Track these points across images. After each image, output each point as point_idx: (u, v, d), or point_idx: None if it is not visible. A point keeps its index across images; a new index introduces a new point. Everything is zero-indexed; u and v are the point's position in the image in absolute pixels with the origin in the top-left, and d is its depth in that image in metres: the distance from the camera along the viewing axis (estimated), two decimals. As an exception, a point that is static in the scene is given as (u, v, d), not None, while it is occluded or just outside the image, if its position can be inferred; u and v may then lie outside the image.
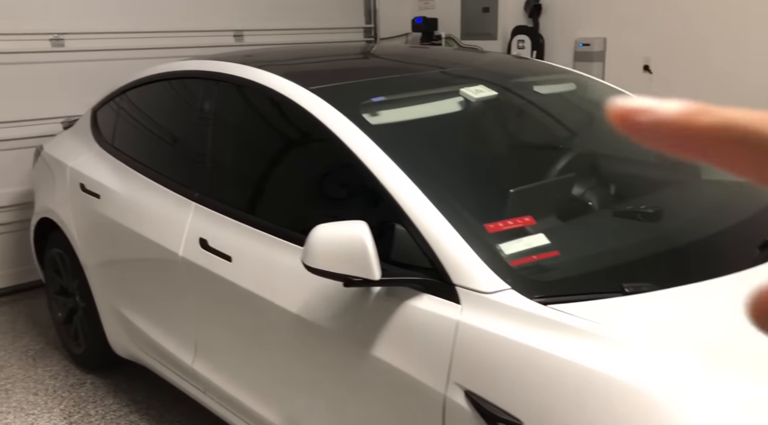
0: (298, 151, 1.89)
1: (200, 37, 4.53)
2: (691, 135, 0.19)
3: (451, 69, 2.24)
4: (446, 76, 2.18)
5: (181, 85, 2.45)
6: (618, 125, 0.20)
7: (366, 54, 2.58)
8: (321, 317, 1.67)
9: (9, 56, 3.74)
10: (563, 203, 1.85)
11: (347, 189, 1.74)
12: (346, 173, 1.76)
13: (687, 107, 0.19)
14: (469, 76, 2.16)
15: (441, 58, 2.43)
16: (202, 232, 2.09)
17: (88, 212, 2.67)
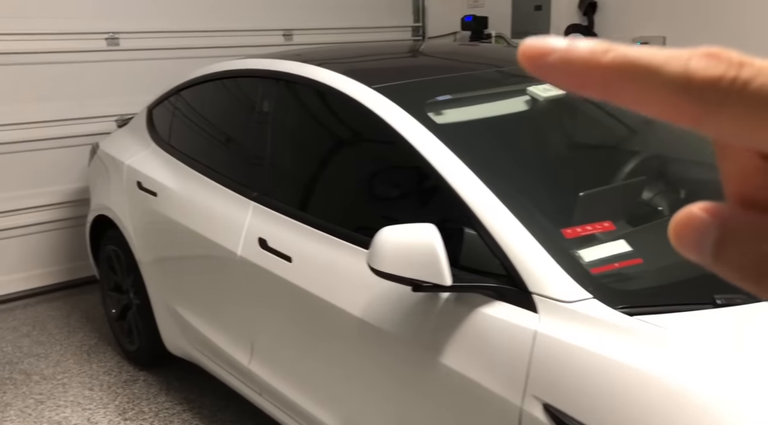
0: (361, 151, 1.85)
1: (250, 36, 4.54)
2: (597, 73, 0.19)
3: (513, 67, 2.17)
4: (509, 74, 2.11)
5: (238, 83, 2.44)
6: (527, 65, 0.21)
7: (419, 52, 2.53)
8: (385, 321, 1.62)
9: (65, 55, 3.81)
10: (634, 208, 1.77)
11: (412, 191, 1.69)
12: (411, 174, 1.71)
13: (593, 46, 0.20)
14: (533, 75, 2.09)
15: (499, 56, 2.36)
16: (261, 232, 2.06)
17: (144, 210, 2.68)
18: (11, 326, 3.55)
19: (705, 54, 0.19)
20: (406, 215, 1.70)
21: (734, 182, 0.22)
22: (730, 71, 0.18)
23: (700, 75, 0.18)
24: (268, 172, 2.14)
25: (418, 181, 1.69)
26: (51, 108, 3.83)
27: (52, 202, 3.94)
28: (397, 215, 1.73)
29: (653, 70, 0.18)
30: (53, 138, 3.86)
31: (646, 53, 0.19)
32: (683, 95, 0.18)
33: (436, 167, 1.62)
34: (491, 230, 1.46)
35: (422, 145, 1.67)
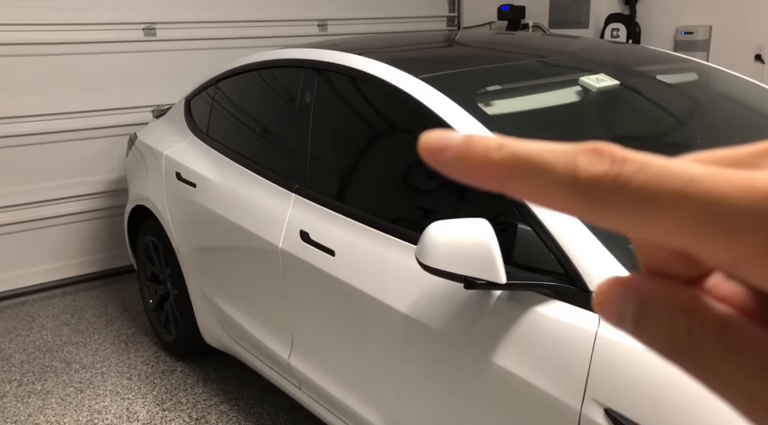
0: (408, 143, 1.80)
1: (285, 26, 4.52)
2: (490, 170, 0.20)
3: (562, 56, 2.10)
4: (558, 64, 2.04)
5: (278, 74, 2.40)
6: (426, 159, 0.21)
7: (460, 42, 2.47)
8: (433, 318, 1.58)
9: (103, 46, 3.83)
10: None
11: (462, 185, 1.64)
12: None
13: (487, 142, 0.20)
14: (583, 64, 2.01)
15: (545, 46, 2.29)
16: (303, 224, 2.03)
17: (183, 201, 2.67)
18: (51, 314, 3.59)
19: (589, 150, 0.19)
20: (455, 210, 1.66)
21: (643, 252, 0.22)
22: (613, 168, 0.18)
23: (585, 173, 0.18)
24: (309, 164, 2.11)
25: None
26: (89, 98, 3.85)
27: (91, 192, 3.97)
28: (445, 209, 1.68)
29: (543, 167, 0.19)
30: (92, 128, 3.89)
31: (537, 150, 0.19)
32: (571, 193, 0.19)
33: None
34: (548, 226, 1.41)
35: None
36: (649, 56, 2.24)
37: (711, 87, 2.19)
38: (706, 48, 4.20)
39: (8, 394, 2.80)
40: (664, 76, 2.09)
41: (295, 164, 2.17)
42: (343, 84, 2.07)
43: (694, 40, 4.18)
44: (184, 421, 2.58)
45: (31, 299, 3.81)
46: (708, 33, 4.18)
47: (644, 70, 2.08)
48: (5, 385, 2.87)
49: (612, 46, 2.33)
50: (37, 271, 3.90)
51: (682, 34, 4.24)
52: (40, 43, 3.64)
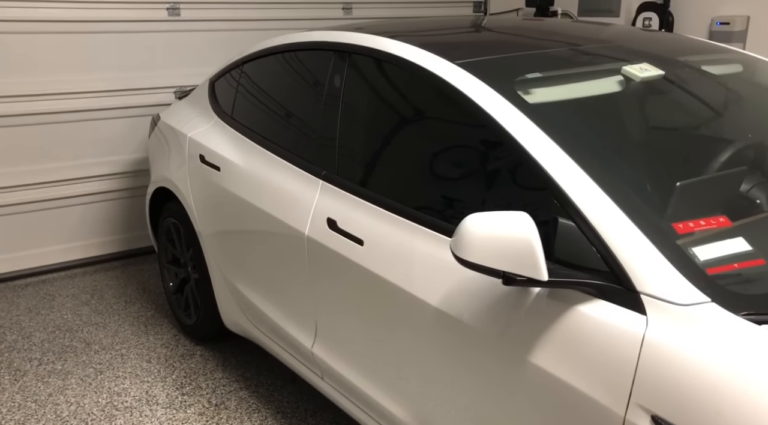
0: (442, 130, 1.74)
1: (309, 8, 4.45)
2: None
3: (600, 45, 2.01)
4: (598, 52, 1.96)
5: (306, 57, 2.35)
6: None
7: (491, 27, 2.38)
8: (467, 313, 1.53)
9: (126, 24, 3.78)
10: (733, 200, 1.62)
11: (499, 175, 1.58)
12: (499, 157, 1.60)
13: None
14: (623, 53, 1.93)
15: (580, 33, 2.20)
16: (331, 212, 1.99)
17: (206, 184, 2.63)
18: (71, 293, 3.59)
19: None
20: (491, 201, 1.60)
21: None
22: None
23: None
24: (337, 150, 2.05)
25: (506, 164, 1.57)
26: (111, 78, 3.82)
27: (112, 172, 3.95)
28: (479, 200, 1.62)
29: None
30: (113, 108, 3.86)
31: None
32: None
33: (528, 149, 1.50)
34: (592, 220, 1.34)
35: (512, 126, 1.55)
36: (690, 46, 2.16)
37: (757, 79, 2.10)
38: (742, 39, 4.07)
39: (29, 373, 2.80)
40: (709, 66, 2.01)
41: (322, 150, 2.12)
42: (375, 68, 2.00)
43: (731, 30, 4.05)
44: (203, 406, 2.56)
45: (52, 277, 3.81)
46: (745, 23, 4.05)
47: (687, 60, 1.99)
48: (26, 364, 2.87)
49: (650, 35, 2.24)
50: (58, 250, 3.90)
51: (717, 24, 4.12)
52: (62, 21, 3.60)
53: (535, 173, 1.48)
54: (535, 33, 2.18)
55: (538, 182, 1.47)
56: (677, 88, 1.83)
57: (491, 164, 1.60)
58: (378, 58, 2.00)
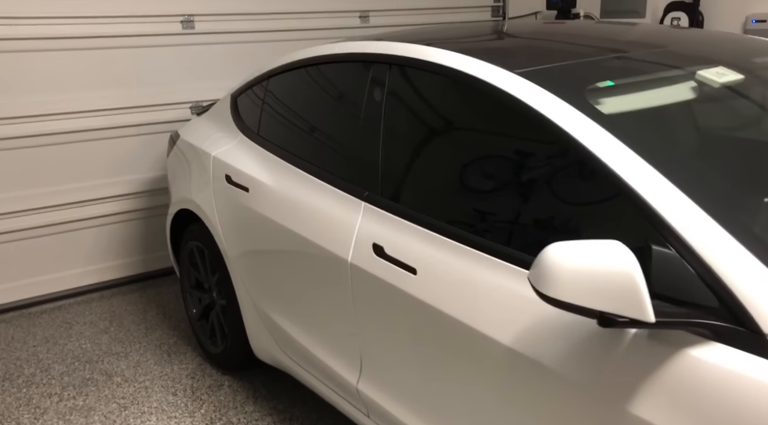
0: (505, 148, 1.58)
1: (326, 18, 4.31)
2: None
3: (663, 48, 1.85)
4: (664, 55, 1.79)
5: (339, 69, 2.19)
6: None
7: (527, 33, 2.22)
8: (548, 355, 1.36)
9: (138, 39, 3.65)
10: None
11: (577, 196, 1.42)
12: (576, 176, 1.43)
13: None
14: (690, 56, 1.78)
15: (629, 36, 2.04)
16: (376, 237, 1.83)
17: (234, 206, 2.48)
18: (89, 320, 3.44)
19: None
20: (569, 227, 1.43)
21: None
22: None
23: None
24: (381, 169, 1.90)
25: (586, 185, 1.41)
26: (125, 95, 3.68)
27: (127, 192, 3.81)
28: (558, 226, 1.46)
29: None
30: (127, 126, 3.72)
31: None
32: None
33: (612, 168, 1.34)
34: (697, 248, 1.18)
35: (591, 141, 1.39)
36: (753, 45, 1.99)
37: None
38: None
39: (49, 410, 2.64)
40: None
41: (363, 169, 1.96)
42: (422, 80, 1.85)
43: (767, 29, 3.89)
44: (236, 444, 2.40)
45: (68, 304, 3.67)
46: (782, 21, 3.89)
47: (759, 61, 1.83)
48: (45, 400, 2.72)
49: (707, 35, 2.08)
50: (73, 274, 3.75)
51: (753, 22, 3.95)
52: (73, 37, 3.47)
53: (622, 194, 1.32)
54: (581, 38, 2.02)
55: (627, 205, 1.31)
56: (761, 92, 1.67)
57: (566, 185, 1.44)
58: (424, 69, 1.84)
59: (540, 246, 1.45)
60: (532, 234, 1.47)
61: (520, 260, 1.47)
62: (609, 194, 1.35)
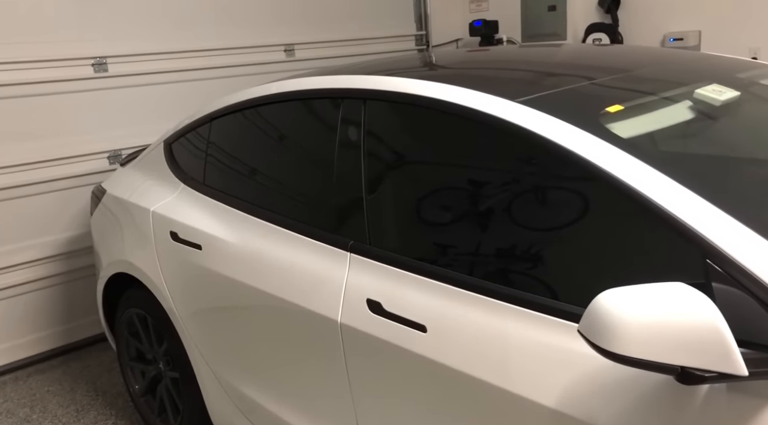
0: (517, 183, 1.43)
1: (250, 53, 4.09)
2: None
3: (648, 68, 1.78)
4: (655, 76, 1.72)
5: (300, 107, 1.99)
6: None
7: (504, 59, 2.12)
8: (603, 414, 1.20)
9: (47, 86, 3.27)
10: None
11: (614, 233, 1.28)
12: (607, 210, 1.30)
13: None
14: (679, 74, 1.72)
15: (608, 57, 1.98)
16: (370, 292, 1.62)
17: (184, 266, 2.19)
18: (5, 409, 2.98)
19: None
20: (611, 269, 1.29)
21: None
22: None
23: None
24: (366, 214, 1.70)
25: (625, 220, 1.28)
26: (35, 147, 3.28)
27: (42, 256, 3.37)
28: (594, 268, 1.31)
29: None
30: (39, 182, 3.31)
31: None
32: None
33: (655, 200, 1.22)
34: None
35: (623, 170, 1.27)
36: (727, 63, 1.98)
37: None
38: (696, 54, 4.07)
39: None
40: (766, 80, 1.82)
41: (345, 216, 1.75)
42: (404, 115, 1.68)
43: (685, 46, 4.04)
44: None
45: (-23, 392, 3.17)
46: (698, 38, 4.06)
47: (744, 77, 1.80)
48: None
49: (682, 54, 2.05)
50: (-19, 356, 3.26)
51: (671, 40, 4.10)
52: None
53: (671, 229, 1.19)
54: (556, 64, 1.93)
55: (676, 238, 1.18)
56: (759, 105, 1.62)
57: (598, 222, 1.31)
58: (406, 103, 1.67)
59: (578, 292, 1.30)
60: (566, 279, 1.32)
61: (557, 310, 1.31)
62: (654, 229, 1.22)
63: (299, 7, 4.27)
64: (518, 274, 1.39)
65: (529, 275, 1.37)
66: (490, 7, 5.14)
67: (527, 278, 1.37)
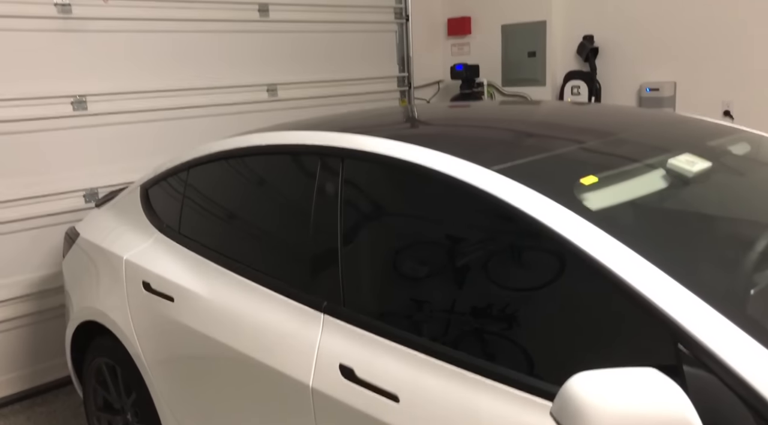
0: (491, 253, 1.43)
1: (232, 93, 4.09)
2: None
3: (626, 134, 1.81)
4: (629, 142, 1.75)
5: (278, 161, 1.98)
6: None
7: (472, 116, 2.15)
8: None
9: (25, 124, 3.24)
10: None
11: (588, 312, 1.28)
12: (582, 286, 1.30)
13: None
14: (653, 143, 1.75)
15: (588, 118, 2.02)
16: (343, 357, 1.60)
17: (155, 318, 2.15)
18: (-36, 458, 2.87)
19: None
20: (583, 348, 1.29)
21: None
22: None
23: None
24: (342, 275, 1.68)
25: (596, 297, 1.28)
26: (10, 185, 3.22)
27: (10, 296, 3.29)
28: (567, 346, 1.31)
29: None
30: (9, 221, 3.24)
31: None
32: None
33: (626, 279, 1.22)
34: (740, 372, 1.07)
35: (596, 248, 1.27)
36: (699, 127, 2.02)
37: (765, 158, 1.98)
38: (672, 104, 4.16)
39: None
40: (735, 148, 1.86)
41: (320, 275, 1.74)
42: (385, 176, 1.68)
43: (660, 96, 4.14)
44: None
45: (-64, 438, 3.06)
46: (673, 89, 4.15)
47: (714, 144, 1.84)
48: None
49: (654, 116, 2.08)
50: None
51: (647, 90, 4.19)
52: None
53: (643, 310, 1.19)
54: (533, 125, 1.96)
55: (647, 321, 1.18)
56: (731, 178, 1.65)
57: (571, 297, 1.30)
58: (383, 164, 1.68)
59: (552, 370, 1.29)
60: (539, 355, 1.31)
61: (530, 387, 1.30)
62: (626, 307, 1.22)
63: (282, 47, 4.31)
64: (492, 347, 1.38)
65: (504, 349, 1.36)
66: (472, 51, 5.23)
67: (502, 351, 1.36)
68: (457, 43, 5.32)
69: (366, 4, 4.76)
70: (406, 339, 1.50)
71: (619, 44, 4.38)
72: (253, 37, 4.16)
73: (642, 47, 4.26)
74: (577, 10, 4.55)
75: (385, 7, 4.90)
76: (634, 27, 4.26)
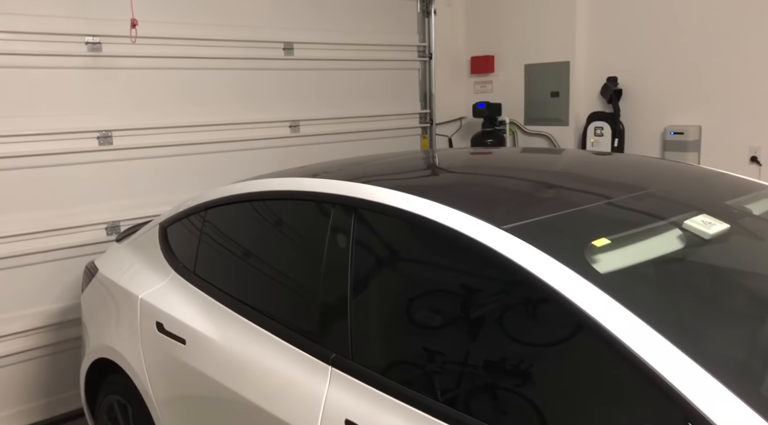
0: (502, 315, 1.41)
1: (255, 129, 4.15)
2: None
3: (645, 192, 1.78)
4: (647, 201, 1.72)
5: (293, 207, 1.99)
6: None
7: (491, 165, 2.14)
8: None
9: (53, 158, 3.31)
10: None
11: (599, 382, 1.25)
12: (592, 355, 1.27)
13: None
14: (671, 201, 1.72)
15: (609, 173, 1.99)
16: (350, 412, 1.57)
17: (167, 360, 2.15)
18: (-24, 489, 2.87)
19: None
20: (589, 417, 1.25)
21: None
22: None
23: None
24: (351, 327, 1.67)
25: (605, 367, 1.25)
26: (34, 218, 3.29)
27: (30, 327, 3.33)
28: (572, 413, 1.27)
29: None
30: (32, 253, 3.30)
31: None
32: None
33: (638, 353, 1.18)
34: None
35: (609, 320, 1.24)
36: (722, 182, 1.98)
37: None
38: (696, 149, 4.11)
39: None
40: (752, 205, 1.82)
41: (329, 326, 1.72)
42: (395, 228, 1.67)
43: (685, 140, 4.09)
44: None
45: (-50, 467, 3.08)
46: (698, 133, 4.10)
47: (734, 203, 1.80)
48: None
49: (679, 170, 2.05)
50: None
51: (671, 134, 4.15)
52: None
53: (654, 385, 1.16)
54: (552, 176, 1.94)
55: (659, 396, 1.15)
56: (750, 240, 1.61)
57: (580, 366, 1.27)
58: (394, 216, 1.67)
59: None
60: (536, 419, 1.28)
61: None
62: (636, 381, 1.18)
63: (305, 84, 4.37)
64: (502, 414, 1.35)
65: (514, 416, 1.33)
66: (494, 89, 5.25)
67: (512, 418, 1.33)
68: (480, 81, 5.34)
69: (390, 43, 4.82)
70: (413, 400, 1.48)
71: (643, 86, 4.35)
72: (277, 74, 4.22)
73: (666, 90, 4.23)
74: (601, 52, 4.55)
75: (409, 46, 4.95)
76: (658, 69, 4.24)
